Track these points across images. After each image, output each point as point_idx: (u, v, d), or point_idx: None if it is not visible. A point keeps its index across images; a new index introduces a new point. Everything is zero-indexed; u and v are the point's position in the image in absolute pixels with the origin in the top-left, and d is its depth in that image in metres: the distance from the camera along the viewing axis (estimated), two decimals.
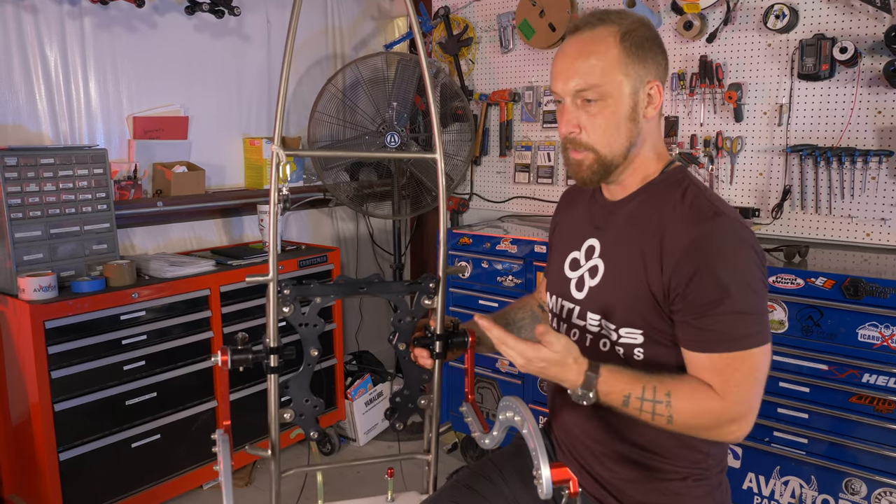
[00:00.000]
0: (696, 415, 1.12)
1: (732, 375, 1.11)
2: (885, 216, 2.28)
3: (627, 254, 1.22)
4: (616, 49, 1.18)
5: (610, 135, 1.20)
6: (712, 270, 1.11)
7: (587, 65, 1.17)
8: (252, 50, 3.08)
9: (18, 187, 2.17)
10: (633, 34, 1.19)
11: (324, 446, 3.02)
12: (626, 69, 1.18)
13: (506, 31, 3.16)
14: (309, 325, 1.41)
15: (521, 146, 3.20)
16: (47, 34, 2.45)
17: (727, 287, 1.10)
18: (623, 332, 1.22)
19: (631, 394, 1.11)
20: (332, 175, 3.20)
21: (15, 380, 2.24)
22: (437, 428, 1.56)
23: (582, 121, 1.20)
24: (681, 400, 1.10)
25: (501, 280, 2.70)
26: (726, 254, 1.12)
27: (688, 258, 1.12)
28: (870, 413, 1.90)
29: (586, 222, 1.35)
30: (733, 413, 1.11)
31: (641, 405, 1.11)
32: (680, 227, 1.16)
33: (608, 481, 1.30)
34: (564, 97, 1.20)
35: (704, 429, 1.14)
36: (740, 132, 2.55)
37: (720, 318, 1.11)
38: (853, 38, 2.26)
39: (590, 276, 1.29)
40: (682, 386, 1.12)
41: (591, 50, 1.18)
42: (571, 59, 1.19)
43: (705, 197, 1.20)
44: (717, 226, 1.14)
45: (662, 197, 1.23)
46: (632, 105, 1.20)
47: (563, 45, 1.23)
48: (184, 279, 2.46)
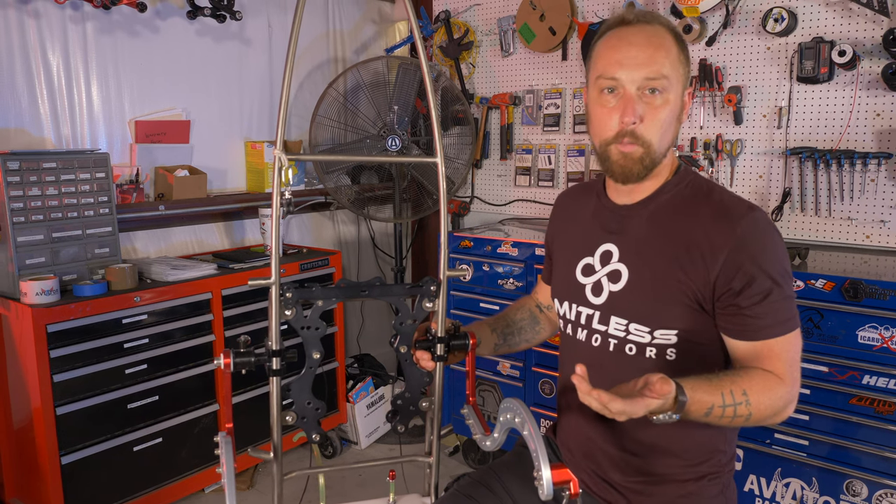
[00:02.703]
0: (771, 405, 1.12)
1: (787, 357, 1.15)
2: (884, 218, 2.28)
3: (655, 257, 1.23)
4: (676, 48, 1.20)
5: (665, 130, 1.20)
6: (762, 263, 1.14)
7: (659, 55, 1.17)
8: (253, 54, 3.09)
9: (21, 191, 2.18)
10: (680, 36, 1.22)
11: (325, 449, 3.03)
12: (682, 68, 1.21)
13: (506, 34, 3.17)
14: (311, 328, 1.42)
15: (522, 149, 3.21)
16: (50, 39, 2.47)
17: (775, 277, 1.15)
18: (658, 333, 1.22)
19: (713, 404, 1.09)
20: (334, 178, 3.21)
21: (17, 383, 2.25)
22: (438, 430, 1.56)
23: (642, 111, 1.18)
24: (758, 395, 1.11)
25: (502, 283, 2.71)
26: (768, 246, 1.17)
27: (737, 253, 1.15)
28: (870, 414, 1.91)
29: (597, 227, 1.34)
30: (794, 393, 1.15)
31: (723, 412, 1.10)
32: (718, 224, 1.18)
33: (623, 486, 1.29)
34: (628, 86, 1.17)
35: (775, 415, 1.14)
36: (740, 135, 2.55)
37: (771, 305, 1.14)
38: (851, 41, 2.27)
39: (610, 280, 1.28)
40: (754, 380, 1.13)
41: (658, 43, 1.18)
42: (640, 47, 1.17)
43: (728, 194, 1.24)
44: (756, 220, 1.17)
45: (684, 198, 1.25)
46: (680, 105, 1.22)
47: (619, 35, 1.20)
48: (186, 283, 2.47)
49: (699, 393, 1.08)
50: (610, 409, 1.00)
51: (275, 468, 1.45)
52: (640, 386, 1.03)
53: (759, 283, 1.14)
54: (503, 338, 1.53)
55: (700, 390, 1.09)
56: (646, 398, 1.01)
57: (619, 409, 1.00)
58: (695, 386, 1.08)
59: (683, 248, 1.19)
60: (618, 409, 1.00)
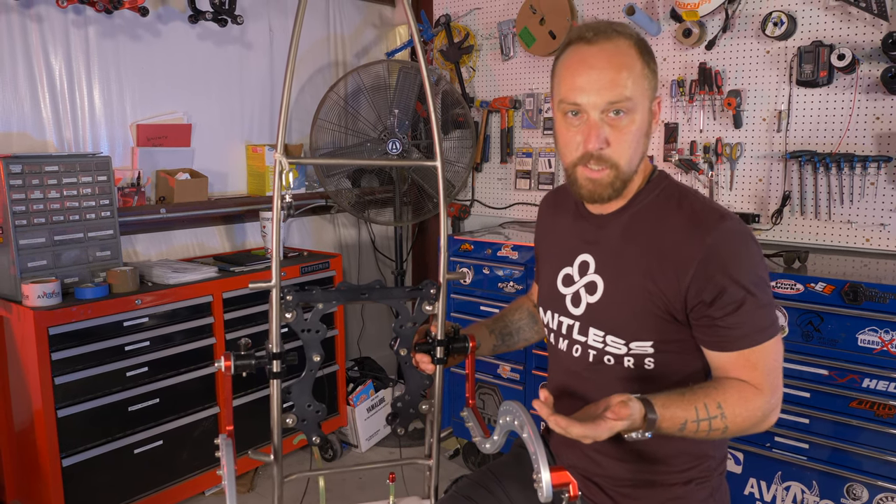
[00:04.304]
0: (748, 416, 1.12)
1: (765, 366, 1.14)
2: (884, 221, 2.28)
3: (629, 268, 1.22)
4: (639, 62, 1.16)
5: (633, 150, 1.17)
6: (733, 274, 1.13)
7: (621, 77, 1.13)
8: (254, 58, 3.10)
9: (23, 194, 2.19)
10: (646, 47, 1.18)
11: (326, 452, 3.03)
12: (646, 83, 1.17)
13: (506, 38, 3.18)
14: (311, 331, 1.42)
15: (522, 153, 3.21)
16: (52, 43, 2.48)
17: (748, 287, 1.13)
18: (634, 345, 1.22)
19: (686, 419, 1.09)
20: (334, 182, 3.22)
21: (18, 386, 2.25)
22: (438, 433, 1.56)
23: (608, 135, 1.15)
24: (733, 407, 1.11)
25: (502, 286, 2.71)
26: (741, 255, 1.14)
27: (707, 264, 1.13)
28: (870, 418, 1.91)
29: (575, 237, 1.33)
30: (773, 402, 1.14)
31: (698, 427, 1.10)
32: (688, 235, 1.16)
33: (611, 489, 1.30)
34: (591, 111, 1.14)
35: (753, 426, 1.14)
36: (739, 138, 2.56)
37: (746, 315, 1.13)
38: (851, 45, 2.28)
39: (587, 292, 1.28)
40: (728, 392, 1.12)
41: (620, 62, 1.14)
42: (601, 70, 1.13)
43: (700, 202, 1.21)
44: (727, 229, 1.15)
45: (656, 208, 1.23)
46: (648, 119, 1.19)
47: (579, 56, 1.16)
48: (186, 285, 2.47)
49: (671, 409, 1.08)
50: (570, 434, 1.01)
51: (275, 471, 1.45)
52: (601, 409, 1.04)
53: (731, 293, 1.12)
54: (501, 338, 1.54)
55: (672, 406, 1.08)
56: (608, 421, 1.01)
57: (580, 433, 1.01)
58: (666, 402, 1.08)
59: (655, 259, 1.18)
60: (578, 434, 1.01)
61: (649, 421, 1.05)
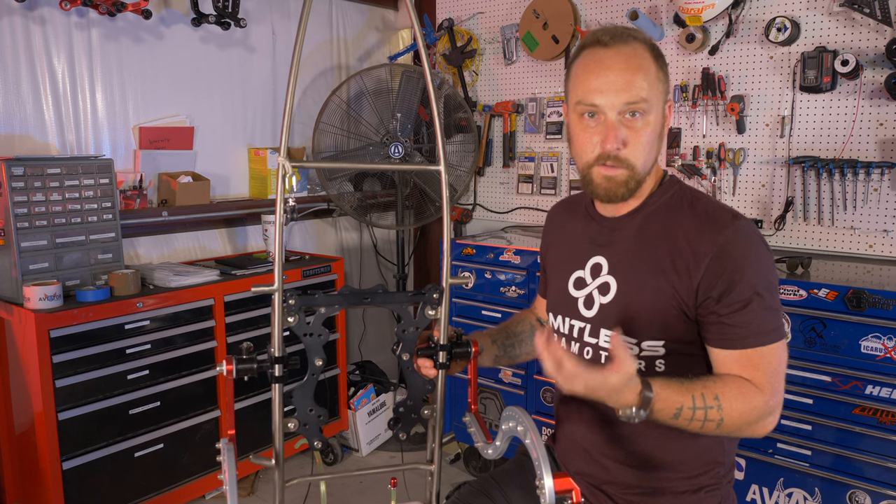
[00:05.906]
0: (744, 413, 1.12)
1: (767, 368, 1.14)
2: (887, 228, 2.28)
3: (642, 267, 1.23)
4: (654, 66, 1.19)
5: (648, 151, 1.20)
6: (743, 272, 1.14)
7: (637, 78, 1.16)
8: (257, 61, 3.11)
9: (25, 197, 2.19)
10: (658, 51, 1.22)
11: (327, 456, 3.02)
12: (660, 85, 1.20)
13: (509, 42, 3.18)
14: (313, 335, 1.42)
15: (525, 157, 3.21)
16: (55, 45, 2.48)
17: (757, 287, 1.14)
18: (645, 345, 1.22)
19: (682, 405, 1.09)
20: (337, 185, 3.22)
21: (19, 388, 2.25)
22: (440, 438, 1.56)
23: (625, 136, 1.18)
24: (730, 401, 1.11)
25: (504, 290, 2.71)
26: (752, 255, 1.16)
27: (718, 262, 1.15)
28: (873, 425, 1.90)
29: (586, 241, 1.34)
30: (773, 404, 1.14)
31: (693, 415, 1.10)
32: (701, 233, 1.18)
33: (620, 497, 1.29)
34: (608, 112, 1.17)
35: (749, 426, 1.13)
36: (742, 144, 2.56)
37: (752, 315, 1.14)
38: (854, 50, 2.27)
39: (600, 293, 1.28)
40: (728, 386, 1.12)
41: (637, 64, 1.17)
42: (619, 72, 1.17)
43: (713, 203, 1.24)
44: (739, 229, 1.17)
45: (669, 209, 1.25)
46: (661, 122, 1.22)
47: (596, 59, 1.19)
48: (188, 289, 2.47)
49: (668, 391, 1.08)
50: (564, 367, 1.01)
51: (276, 475, 1.45)
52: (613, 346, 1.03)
53: (739, 290, 1.14)
54: (504, 349, 1.53)
55: (670, 389, 1.09)
56: (604, 371, 1.01)
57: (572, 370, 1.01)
58: (665, 385, 1.09)
59: (668, 259, 1.20)
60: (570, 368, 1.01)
61: (644, 398, 1.05)
